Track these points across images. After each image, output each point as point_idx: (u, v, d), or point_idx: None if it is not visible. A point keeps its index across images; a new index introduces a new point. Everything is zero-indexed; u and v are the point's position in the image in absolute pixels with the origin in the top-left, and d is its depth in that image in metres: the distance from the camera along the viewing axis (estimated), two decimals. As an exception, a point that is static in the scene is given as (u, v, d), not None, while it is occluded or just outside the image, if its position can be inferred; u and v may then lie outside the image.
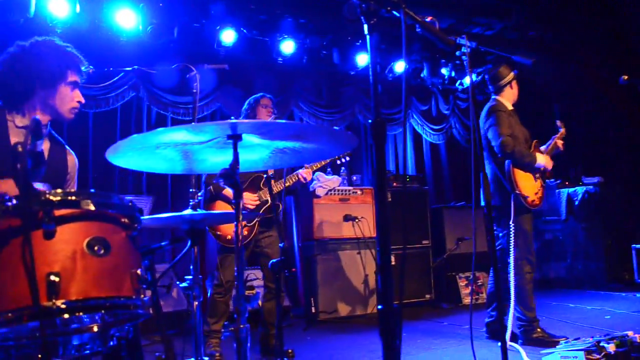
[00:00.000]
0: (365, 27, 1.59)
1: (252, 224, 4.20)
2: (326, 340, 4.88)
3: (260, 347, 4.24)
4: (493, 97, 4.40)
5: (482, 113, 4.34)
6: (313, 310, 5.74)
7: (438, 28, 2.08)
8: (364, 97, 7.66)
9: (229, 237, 4.12)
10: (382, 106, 7.67)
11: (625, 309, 5.38)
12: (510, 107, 4.32)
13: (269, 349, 4.20)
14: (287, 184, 4.30)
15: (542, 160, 4.19)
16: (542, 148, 4.38)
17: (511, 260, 4.02)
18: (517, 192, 4.05)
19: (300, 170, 4.36)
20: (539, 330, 4.07)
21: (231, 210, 3.99)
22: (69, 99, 2.34)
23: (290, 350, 4.16)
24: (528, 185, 4.12)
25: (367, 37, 1.58)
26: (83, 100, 2.42)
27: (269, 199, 4.27)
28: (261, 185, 4.28)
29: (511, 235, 4.03)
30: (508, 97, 4.36)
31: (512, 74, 4.39)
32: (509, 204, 4.05)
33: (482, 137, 4.29)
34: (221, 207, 4.15)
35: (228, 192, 4.16)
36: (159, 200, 6.21)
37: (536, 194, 4.15)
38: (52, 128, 2.46)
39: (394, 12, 1.61)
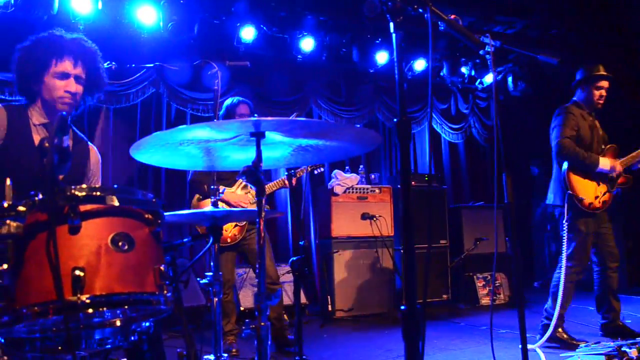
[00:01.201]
0: (391, 25, 1.57)
1: (242, 223, 4.20)
2: (343, 338, 4.87)
3: (274, 343, 4.23)
4: (574, 97, 4.43)
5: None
6: (329, 308, 5.74)
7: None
8: (383, 95, 7.62)
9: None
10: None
11: (646, 313, 5.30)
12: (586, 109, 4.31)
13: (282, 342, 4.19)
14: (274, 188, 4.30)
15: (606, 164, 4.16)
16: (623, 160, 4.30)
17: (563, 258, 4.07)
18: (570, 192, 4.07)
19: (283, 176, 4.34)
20: (560, 330, 4.04)
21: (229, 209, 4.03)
22: (56, 88, 2.28)
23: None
24: (586, 188, 4.14)
25: (393, 35, 1.56)
26: (73, 89, 2.30)
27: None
28: (249, 187, 4.28)
29: (564, 235, 4.08)
30: (583, 99, 4.35)
31: (582, 77, 4.36)
32: (565, 203, 4.11)
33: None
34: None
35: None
36: (179, 196, 6.27)
37: (597, 197, 4.15)
38: (72, 124, 2.48)
39: (420, 10, 1.59)
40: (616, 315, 4.26)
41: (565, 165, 4.16)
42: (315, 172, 4.66)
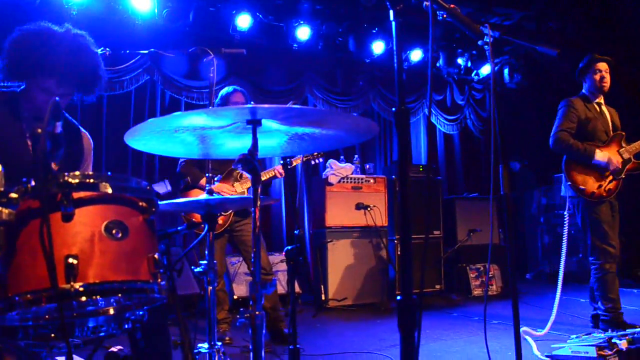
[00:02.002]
0: (391, 12, 1.55)
1: (227, 213, 4.18)
2: (336, 327, 4.89)
3: (269, 332, 4.23)
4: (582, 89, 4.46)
5: None
6: (323, 298, 5.75)
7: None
8: (379, 85, 7.61)
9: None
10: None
11: (637, 305, 5.33)
12: (592, 99, 4.33)
13: (277, 332, 4.19)
14: (264, 178, 4.29)
15: (602, 157, 4.15)
16: (630, 146, 4.28)
17: (563, 246, 4.13)
18: (570, 183, 4.15)
19: (276, 166, 4.34)
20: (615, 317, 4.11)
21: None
22: (37, 100, 2.12)
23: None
24: (587, 178, 4.16)
25: (393, 23, 1.54)
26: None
27: (245, 191, 4.26)
28: (237, 177, 4.26)
29: (565, 225, 4.18)
30: (587, 88, 4.37)
31: (580, 67, 4.38)
32: (568, 194, 4.19)
33: None
34: (196, 195, 4.15)
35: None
36: (171, 184, 6.24)
37: (600, 186, 4.15)
38: (65, 110, 2.42)
39: (421, -1, 1.57)
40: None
41: (564, 157, 4.23)
42: (312, 162, 4.63)
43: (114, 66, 5.70)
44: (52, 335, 1.55)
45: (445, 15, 2.09)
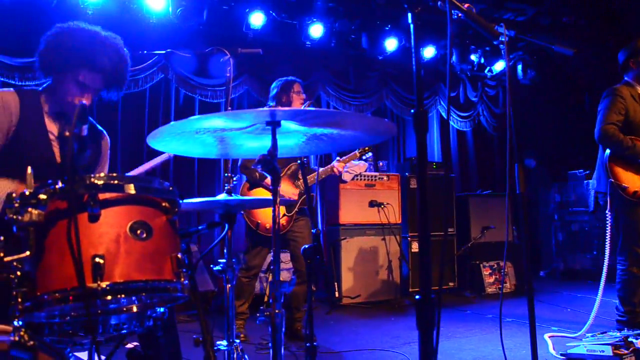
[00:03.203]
0: (409, 15, 1.56)
1: (291, 214, 4.19)
2: (350, 324, 4.91)
3: (285, 331, 4.25)
4: (624, 77, 4.20)
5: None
6: (336, 295, 5.77)
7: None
8: (392, 82, 7.60)
9: (268, 226, 4.13)
10: (409, 92, 7.62)
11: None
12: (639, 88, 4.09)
13: (293, 332, 4.23)
14: (321, 177, 4.30)
15: None
16: None
17: (606, 247, 3.95)
18: (612, 180, 3.92)
19: (334, 163, 4.37)
20: (632, 319, 3.93)
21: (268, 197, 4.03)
22: (70, 94, 2.16)
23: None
24: (630, 175, 3.94)
25: (411, 26, 1.56)
26: (88, 103, 2.14)
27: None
28: (299, 176, 4.27)
29: (607, 224, 3.95)
30: (636, 77, 4.11)
31: (629, 54, 4.10)
32: (608, 191, 3.95)
33: None
34: (260, 195, 4.15)
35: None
36: (187, 184, 6.30)
37: None
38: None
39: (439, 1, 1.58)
40: None
41: (607, 152, 3.98)
42: (363, 157, 4.66)
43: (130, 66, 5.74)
44: (71, 332, 1.59)
45: (460, 15, 2.10)
